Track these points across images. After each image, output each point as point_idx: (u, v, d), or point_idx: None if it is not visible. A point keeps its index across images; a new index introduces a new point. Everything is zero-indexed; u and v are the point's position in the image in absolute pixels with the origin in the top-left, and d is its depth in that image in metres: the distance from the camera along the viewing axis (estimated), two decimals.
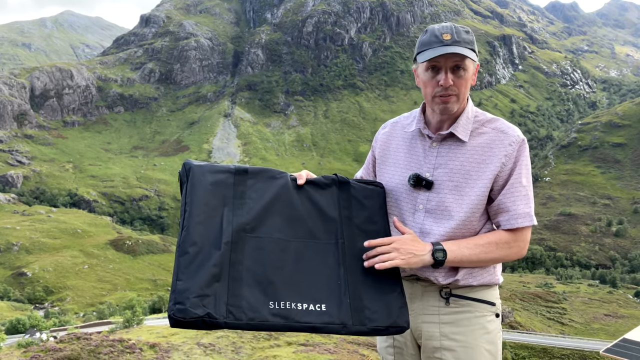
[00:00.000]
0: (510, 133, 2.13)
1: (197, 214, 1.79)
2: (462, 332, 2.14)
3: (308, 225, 1.92)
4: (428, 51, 2.06)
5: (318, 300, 1.77)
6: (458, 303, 2.16)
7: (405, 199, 2.20)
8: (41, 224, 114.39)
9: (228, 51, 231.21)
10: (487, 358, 2.16)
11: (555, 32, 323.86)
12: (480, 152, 2.12)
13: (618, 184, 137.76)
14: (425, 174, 2.16)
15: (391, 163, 2.30)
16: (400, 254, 1.88)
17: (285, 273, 1.79)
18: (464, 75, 2.09)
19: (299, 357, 21.55)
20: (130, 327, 35.88)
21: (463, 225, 2.11)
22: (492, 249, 2.04)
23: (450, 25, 2.13)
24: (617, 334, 41.16)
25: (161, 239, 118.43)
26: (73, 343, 21.08)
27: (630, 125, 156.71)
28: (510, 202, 2.09)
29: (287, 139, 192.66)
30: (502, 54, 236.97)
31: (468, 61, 2.09)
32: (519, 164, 2.10)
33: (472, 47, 2.11)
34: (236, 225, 1.81)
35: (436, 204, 2.13)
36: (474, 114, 2.21)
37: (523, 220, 2.09)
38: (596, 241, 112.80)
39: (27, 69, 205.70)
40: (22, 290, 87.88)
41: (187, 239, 1.76)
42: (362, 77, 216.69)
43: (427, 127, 2.23)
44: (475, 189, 2.09)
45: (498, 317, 2.23)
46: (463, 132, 2.14)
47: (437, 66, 2.08)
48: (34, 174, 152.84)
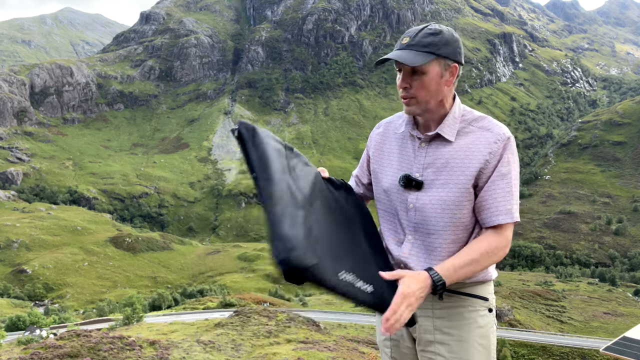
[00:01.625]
0: (496, 131, 2.15)
1: (275, 170, 1.85)
2: (455, 326, 2.18)
3: (337, 214, 2.07)
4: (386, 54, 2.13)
5: (367, 281, 1.90)
6: (451, 298, 2.20)
7: (398, 199, 2.25)
8: (41, 221, 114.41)
9: (228, 48, 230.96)
10: (480, 352, 2.19)
11: (556, 30, 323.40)
12: (465, 149, 2.15)
13: (618, 182, 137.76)
14: (415, 174, 2.21)
15: (385, 164, 2.35)
16: (412, 307, 1.88)
17: (339, 251, 1.90)
18: (421, 78, 2.10)
19: (299, 354, 21.54)
20: (130, 324, 35.93)
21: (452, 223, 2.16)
22: (485, 258, 2.06)
23: (418, 28, 2.14)
24: (617, 332, 41.17)
25: (161, 236, 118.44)
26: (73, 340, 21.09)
27: (630, 123, 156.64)
28: (491, 199, 2.11)
29: (287, 137, 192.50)
30: (502, 52, 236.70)
31: (428, 65, 2.09)
32: (503, 161, 2.12)
33: (431, 50, 2.08)
34: (301, 194, 1.89)
35: (424, 202, 2.18)
36: (461, 113, 2.23)
37: (504, 217, 2.10)
38: (596, 239, 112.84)
39: (27, 65, 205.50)
40: (22, 287, 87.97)
41: (276, 189, 1.79)
42: (363, 75, 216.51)
43: (416, 128, 2.28)
44: (459, 184, 2.12)
45: (491, 311, 2.27)
46: (449, 132, 2.18)
47: (399, 68, 2.14)
48: (34, 171, 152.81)
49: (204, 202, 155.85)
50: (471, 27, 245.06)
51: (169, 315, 45.07)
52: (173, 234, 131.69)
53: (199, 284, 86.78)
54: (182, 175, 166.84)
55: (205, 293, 69.97)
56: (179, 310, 49.79)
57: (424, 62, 2.06)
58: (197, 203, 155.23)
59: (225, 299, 50.28)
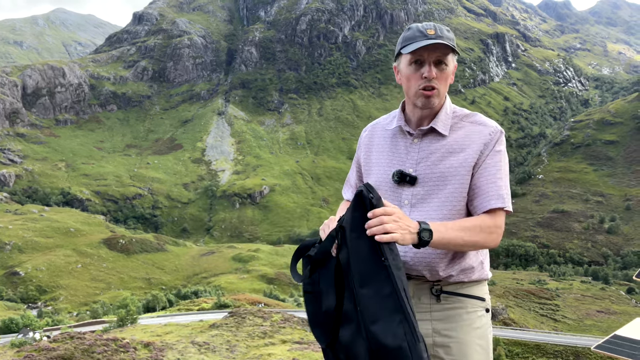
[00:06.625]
0: (489, 124, 2.23)
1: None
2: (453, 328, 2.16)
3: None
4: (413, 44, 2.13)
5: None
6: (449, 300, 2.20)
7: (391, 195, 2.24)
8: (34, 223, 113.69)
9: (221, 49, 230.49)
10: (480, 353, 2.18)
11: (548, 30, 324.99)
12: (459, 143, 2.19)
13: (610, 181, 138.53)
14: (408, 169, 2.21)
15: (375, 163, 2.35)
16: (399, 227, 1.85)
17: None
18: (446, 69, 2.16)
19: (293, 354, 21.56)
20: (124, 326, 35.77)
21: (451, 216, 2.16)
22: (476, 232, 2.05)
23: (433, 23, 2.20)
24: (610, 330, 41.37)
25: (155, 237, 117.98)
26: (66, 342, 20.99)
27: (622, 122, 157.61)
28: (484, 186, 2.14)
29: (281, 137, 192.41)
30: (495, 52, 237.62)
31: (450, 57, 2.17)
32: (494, 151, 2.18)
33: (453, 45, 2.16)
34: None
35: (420, 197, 2.18)
36: (452, 109, 2.29)
37: (496, 201, 2.12)
38: (589, 238, 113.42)
39: (19, 67, 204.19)
40: (15, 290, 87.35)
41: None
42: (356, 75, 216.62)
43: (407, 124, 2.30)
44: (457, 177, 2.14)
45: (488, 312, 2.27)
46: (443, 127, 2.21)
47: (420, 60, 2.15)
48: (26, 172, 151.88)
49: (198, 203, 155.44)
50: (464, 27, 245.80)
51: (163, 316, 44.90)
52: (167, 235, 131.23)
53: (193, 285, 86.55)
54: (175, 176, 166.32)
55: (200, 294, 69.80)
56: (174, 312, 49.63)
57: (456, 53, 2.19)
58: (191, 204, 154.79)
59: (219, 300, 50.15)
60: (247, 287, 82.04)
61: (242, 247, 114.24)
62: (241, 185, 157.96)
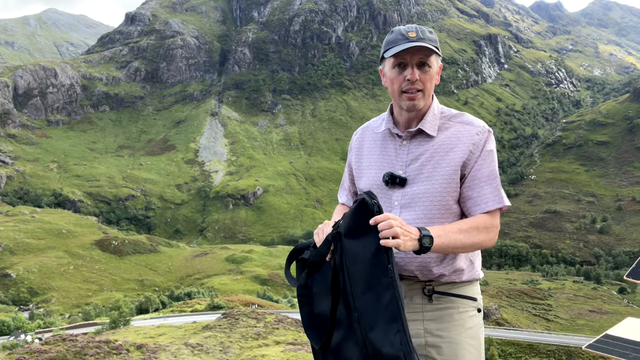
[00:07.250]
0: (477, 124, 2.26)
1: None
2: (446, 329, 2.17)
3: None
4: (395, 47, 2.16)
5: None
6: (441, 300, 2.21)
7: (382, 197, 2.24)
8: (25, 224, 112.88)
9: (215, 50, 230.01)
10: (472, 353, 2.19)
11: (540, 31, 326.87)
12: (448, 143, 2.21)
13: (602, 181, 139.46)
14: (398, 171, 2.24)
15: (366, 166, 2.38)
16: (402, 234, 1.86)
17: None
18: (429, 71, 2.19)
19: (287, 356, 21.54)
20: (116, 328, 35.59)
21: (440, 215, 2.18)
22: (474, 233, 2.08)
23: (415, 25, 2.22)
24: (602, 329, 41.56)
25: (148, 239, 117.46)
26: (58, 344, 20.87)
27: (613, 123, 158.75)
28: (478, 188, 2.17)
29: (275, 138, 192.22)
30: (488, 53, 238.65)
31: (433, 58, 2.20)
32: (486, 151, 2.20)
33: (436, 45, 2.19)
34: None
35: (410, 198, 2.20)
36: (440, 110, 2.32)
37: (494, 202, 2.16)
38: (581, 238, 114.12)
39: (10, 67, 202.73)
40: (6, 292, 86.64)
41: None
42: (350, 76, 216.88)
43: (396, 126, 2.33)
44: (445, 175, 2.16)
45: (480, 312, 2.28)
46: (431, 128, 2.24)
47: (403, 62, 2.18)
48: (18, 173, 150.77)
49: (191, 204, 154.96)
50: (457, 28, 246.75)
51: (156, 318, 44.71)
52: (160, 236, 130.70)
53: (186, 286, 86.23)
54: (168, 177, 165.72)
55: (193, 295, 69.58)
56: (167, 313, 49.44)
57: (439, 54, 2.22)
58: (184, 205, 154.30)
59: (213, 301, 50.00)
60: (241, 288, 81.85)
61: (235, 248, 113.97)
62: (234, 186, 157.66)
